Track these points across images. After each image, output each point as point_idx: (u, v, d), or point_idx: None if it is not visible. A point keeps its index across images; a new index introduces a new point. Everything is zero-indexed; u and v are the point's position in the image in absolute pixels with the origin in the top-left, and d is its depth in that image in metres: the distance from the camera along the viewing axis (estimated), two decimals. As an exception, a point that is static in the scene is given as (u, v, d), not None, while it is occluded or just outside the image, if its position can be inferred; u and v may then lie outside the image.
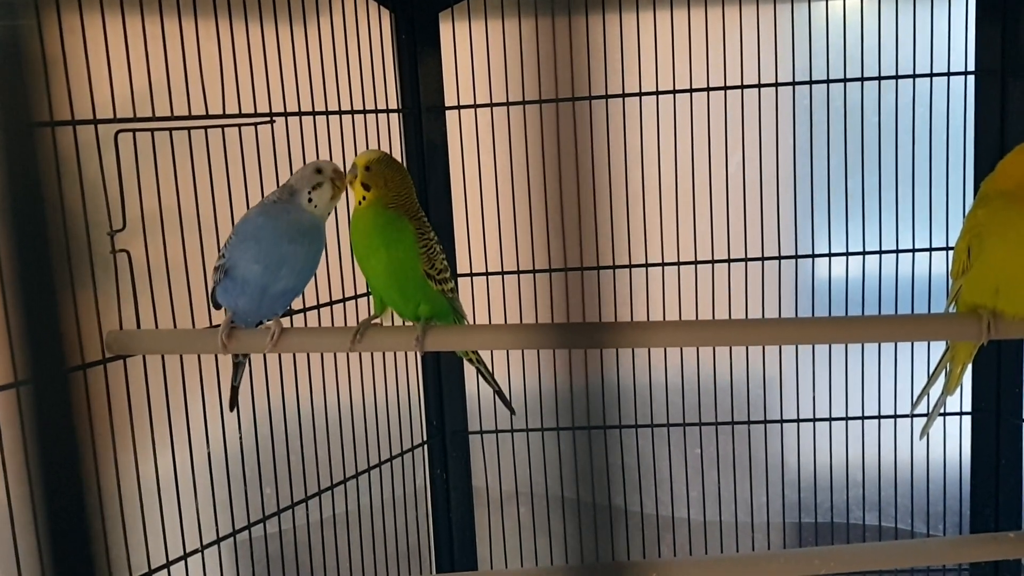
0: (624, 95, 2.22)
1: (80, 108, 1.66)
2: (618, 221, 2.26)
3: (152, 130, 1.77)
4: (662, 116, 2.21)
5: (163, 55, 1.78)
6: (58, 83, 1.63)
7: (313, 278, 1.97)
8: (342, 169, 1.63)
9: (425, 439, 2.40)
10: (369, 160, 1.56)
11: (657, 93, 2.21)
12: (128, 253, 1.71)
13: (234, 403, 1.76)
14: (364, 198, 1.57)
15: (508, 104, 2.24)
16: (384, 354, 2.26)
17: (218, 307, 1.65)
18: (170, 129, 1.80)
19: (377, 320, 1.62)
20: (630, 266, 2.28)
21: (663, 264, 2.28)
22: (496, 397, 1.80)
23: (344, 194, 1.64)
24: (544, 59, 2.20)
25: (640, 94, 2.21)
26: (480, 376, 1.77)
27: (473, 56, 2.24)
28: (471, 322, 1.73)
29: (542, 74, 2.22)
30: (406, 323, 1.64)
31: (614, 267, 2.29)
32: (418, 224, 1.57)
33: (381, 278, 1.59)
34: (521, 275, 2.30)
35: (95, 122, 1.68)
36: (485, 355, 1.81)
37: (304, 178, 1.59)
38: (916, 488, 2.30)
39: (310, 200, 1.57)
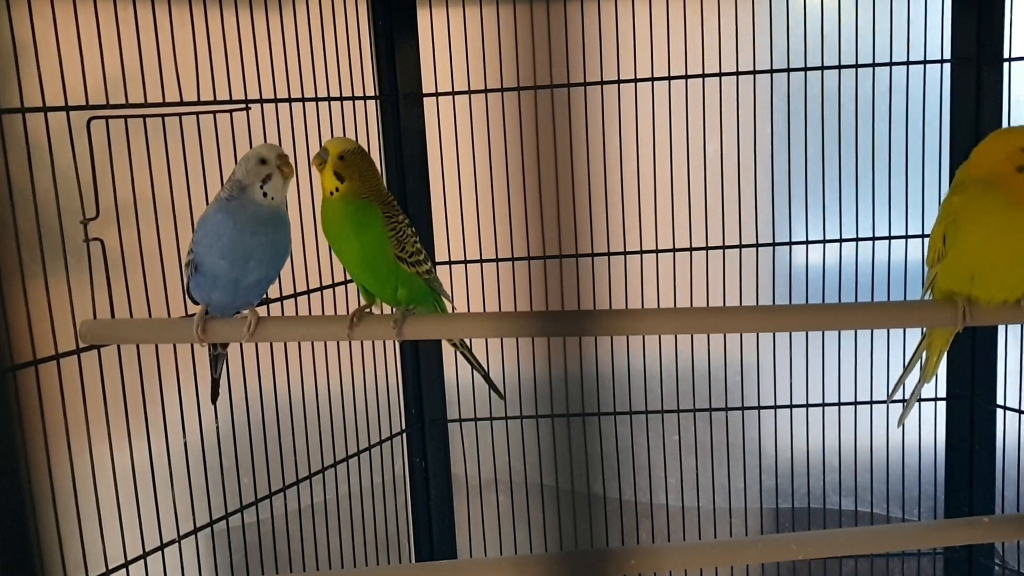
0: (602, 83, 2.22)
1: (51, 94, 1.63)
2: (597, 209, 2.26)
3: (125, 117, 1.74)
4: (640, 104, 2.21)
5: (136, 41, 1.75)
6: (29, 69, 1.61)
7: (290, 266, 1.96)
8: (285, 152, 1.57)
9: (404, 427, 2.40)
10: (344, 150, 1.53)
11: (635, 81, 2.20)
12: (102, 242, 1.69)
13: (216, 395, 1.74)
14: (337, 188, 1.54)
15: (486, 91, 2.23)
16: (363, 342, 2.25)
17: (195, 302, 1.63)
18: (144, 116, 1.78)
19: (369, 308, 1.61)
20: (608, 254, 2.28)
21: (641, 252, 2.28)
22: (487, 384, 1.80)
23: (296, 177, 1.60)
24: (522, 46, 2.19)
25: (618, 82, 2.21)
26: (469, 363, 1.77)
27: (451, 43, 2.23)
28: (452, 307, 1.72)
29: (520, 61, 2.21)
30: (394, 311, 1.63)
31: (592, 255, 2.29)
32: (386, 208, 1.57)
33: (354, 263, 1.60)
34: (500, 263, 2.30)
35: (67, 109, 1.66)
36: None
37: (251, 172, 1.53)
38: (892, 473, 2.32)
39: (265, 194, 1.53)
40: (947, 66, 2.17)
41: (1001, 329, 2.22)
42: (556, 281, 2.27)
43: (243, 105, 1.93)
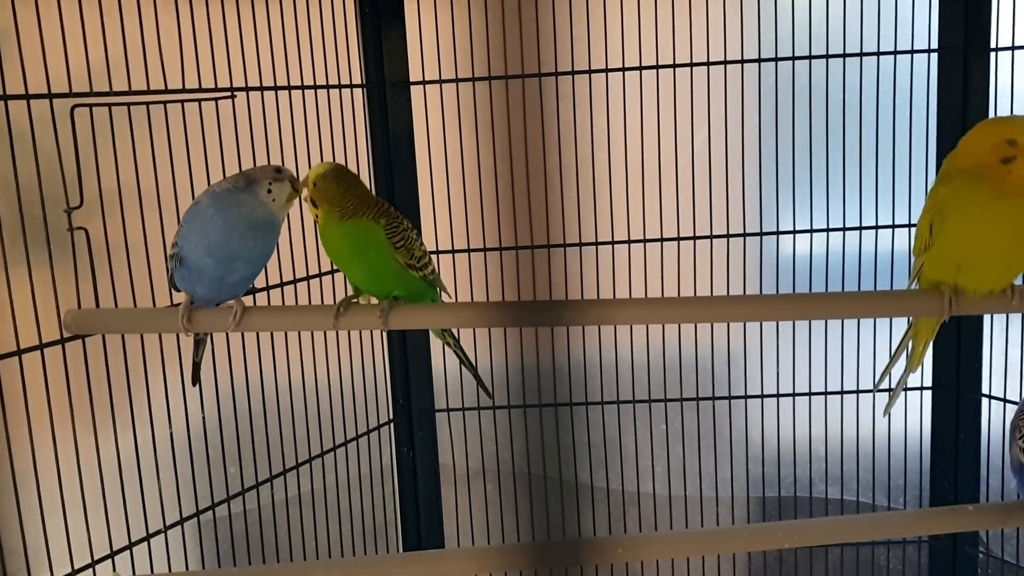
0: (590, 72, 2.21)
1: (34, 82, 1.62)
2: (584, 198, 2.25)
3: (109, 105, 1.73)
4: (628, 93, 2.20)
5: (120, 27, 1.74)
6: (11, 56, 1.59)
7: (277, 256, 1.95)
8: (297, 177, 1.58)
9: (391, 417, 2.40)
10: (316, 176, 1.53)
11: (623, 70, 2.20)
12: (86, 231, 1.68)
13: (196, 379, 1.73)
14: (316, 216, 1.56)
15: (474, 80, 2.22)
16: (350, 332, 2.24)
17: (178, 291, 1.62)
18: (128, 104, 1.76)
19: (355, 299, 1.61)
20: (596, 243, 2.28)
21: (629, 241, 2.28)
22: (476, 382, 1.79)
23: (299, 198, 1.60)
24: (510, 34, 2.19)
25: (607, 71, 2.20)
26: (459, 360, 1.76)
27: (438, 31, 2.22)
28: (453, 299, 1.72)
29: (508, 49, 2.20)
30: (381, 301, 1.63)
31: (580, 244, 2.28)
32: (388, 221, 1.55)
33: (360, 278, 1.59)
34: (488, 252, 2.29)
35: (50, 96, 1.64)
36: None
37: (264, 171, 1.55)
38: (877, 462, 2.33)
39: (269, 191, 1.53)
40: (934, 56, 2.17)
41: (987, 319, 2.23)
42: (544, 271, 2.27)
43: (229, 93, 1.92)
